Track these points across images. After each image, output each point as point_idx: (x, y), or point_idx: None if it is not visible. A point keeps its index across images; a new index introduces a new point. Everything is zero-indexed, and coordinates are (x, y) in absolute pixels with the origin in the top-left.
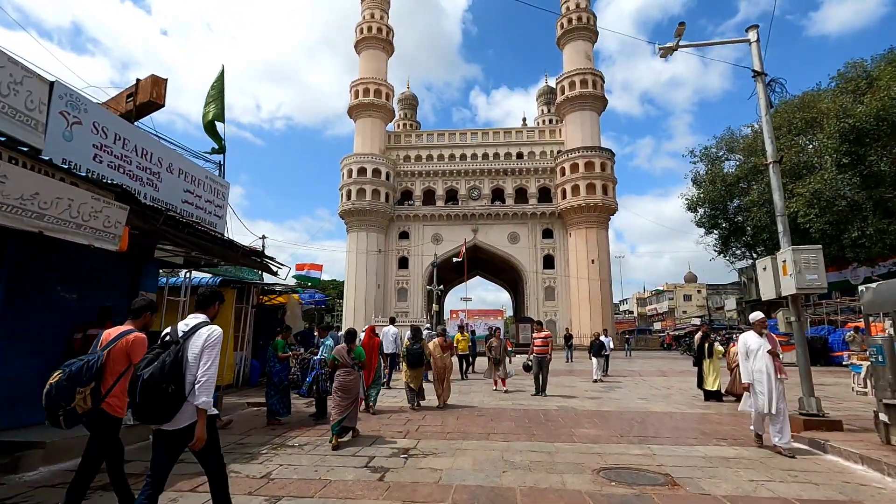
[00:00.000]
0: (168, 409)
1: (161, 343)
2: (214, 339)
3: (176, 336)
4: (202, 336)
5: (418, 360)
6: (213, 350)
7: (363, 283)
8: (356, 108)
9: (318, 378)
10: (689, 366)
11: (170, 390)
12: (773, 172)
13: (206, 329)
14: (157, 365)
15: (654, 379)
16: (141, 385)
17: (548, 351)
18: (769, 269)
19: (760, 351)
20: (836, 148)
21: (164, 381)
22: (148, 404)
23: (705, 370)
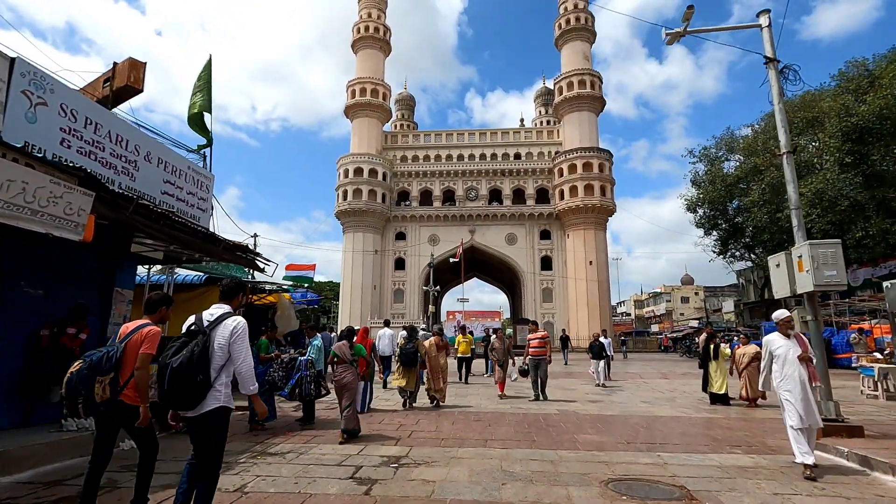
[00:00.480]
0: (196, 397)
1: (187, 332)
2: (241, 331)
3: (202, 326)
4: (228, 328)
5: (412, 359)
6: (243, 342)
7: (359, 285)
8: (353, 108)
9: (302, 380)
10: (691, 368)
11: (198, 379)
12: (786, 163)
13: (232, 321)
14: (185, 354)
15: (656, 381)
16: (170, 373)
17: (545, 352)
18: (783, 266)
19: (790, 355)
20: (839, 147)
21: (193, 369)
22: (178, 392)
23: (711, 373)
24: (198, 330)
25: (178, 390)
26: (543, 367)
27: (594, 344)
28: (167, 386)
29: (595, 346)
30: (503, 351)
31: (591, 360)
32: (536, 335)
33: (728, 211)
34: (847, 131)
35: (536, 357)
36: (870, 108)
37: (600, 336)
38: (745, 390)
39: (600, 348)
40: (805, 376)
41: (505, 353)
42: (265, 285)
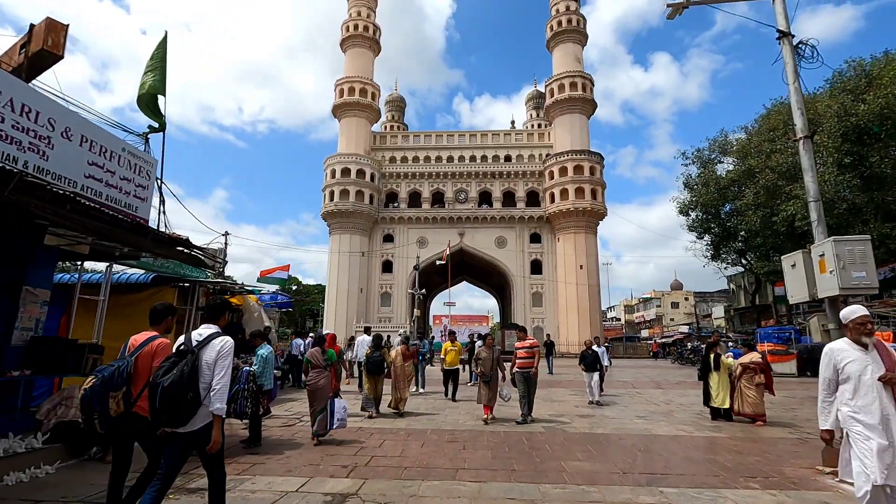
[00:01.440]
0: (186, 414)
1: (177, 352)
2: (227, 350)
3: (190, 345)
4: (215, 347)
5: (378, 367)
6: (227, 360)
7: (345, 288)
8: (341, 108)
9: (238, 394)
10: (685, 376)
11: (188, 397)
12: (803, 149)
13: (219, 340)
14: (175, 373)
15: (650, 392)
16: (161, 392)
17: (534, 363)
18: (800, 266)
19: (867, 374)
20: (838, 147)
21: (183, 388)
22: (169, 409)
23: (712, 386)
24: (187, 350)
25: (169, 408)
26: (533, 381)
27: (587, 353)
28: (158, 404)
29: (588, 357)
30: (491, 362)
31: (584, 373)
32: (525, 343)
33: (721, 214)
34: (846, 132)
35: (524, 369)
36: (869, 108)
37: (593, 344)
38: (742, 406)
39: (594, 359)
40: (892, 408)
41: (493, 366)
42: (227, 286)
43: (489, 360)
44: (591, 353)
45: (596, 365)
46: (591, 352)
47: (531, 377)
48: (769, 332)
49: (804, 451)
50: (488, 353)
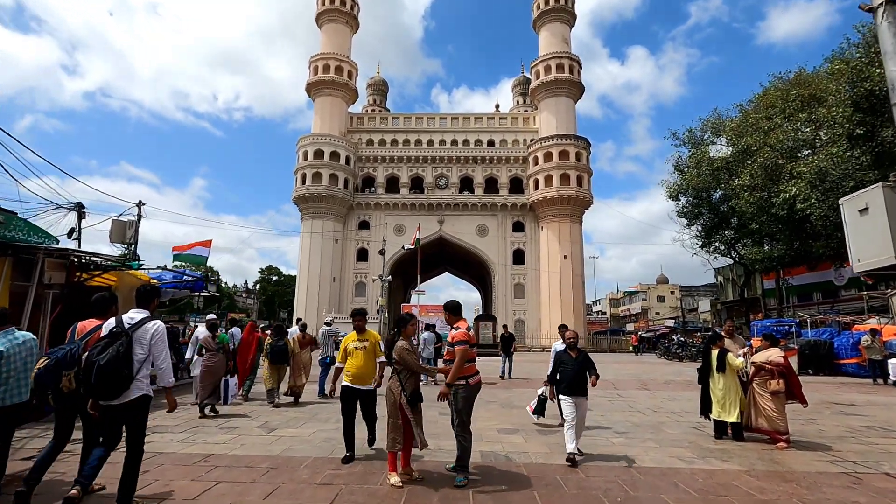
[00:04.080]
0: (121, 388)
1: (110, 334)
2: (161, 333)
3: (122, 328)
4: (149, 331)
5: (281, 356)
6: (162, 342)
7: (317, 276)
8: (315, 86)
9: None
10: (673, 373)
11: (123, 373)
12: (884, 21)
13: (152, 324)
14: (111, 352)
15: (635, 394)
16: (98, 369)
17: (470, 369)
18: (878, 209)
19: None
20: (849, 117)
21: (119, 365)
22: (104, 384)
23: (715, 392)
24: (120, 332)
25: (105, 383)
26: (459, 399)
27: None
28: (94, 380)
29: (568, 366)
30: (413, 370)
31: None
32: (453, 333)
33: (712, 199)
34: (857, 100)
35: (458, 388)
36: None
37: (565, 338)
38: (756, 419)
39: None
40: None
41: (417, 376)
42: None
43: (413, 361)
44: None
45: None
46: (567, 355)
47: (457, 394)
48: (766, 326)
49: (866, 500)
50: (406, 347)
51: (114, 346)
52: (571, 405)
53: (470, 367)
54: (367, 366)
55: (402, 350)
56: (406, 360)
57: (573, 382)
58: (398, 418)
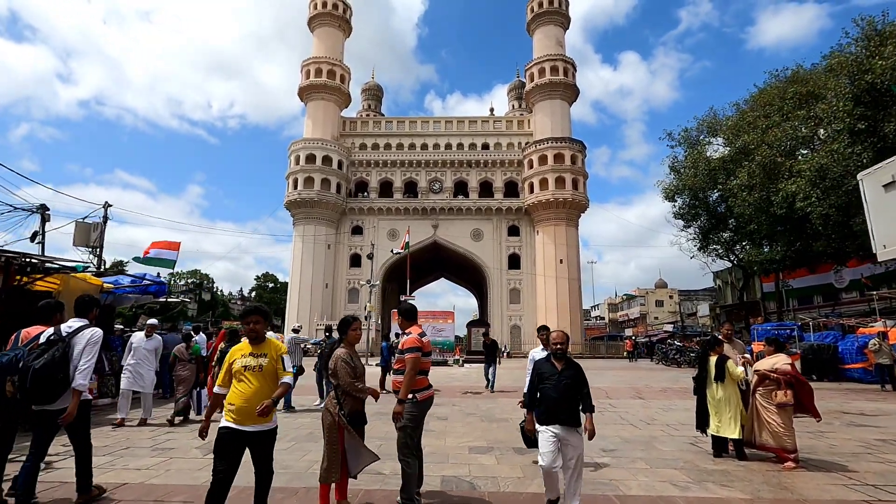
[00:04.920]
0: (55, 393)
1: (47, 342)
2: (96, 339)
3: (60, 335)
4: (85, 336)
5: None
6: (94, 347)
7: (308, 282)
8: (307, 90)
9: None
10: (670, 380)
11: (59, 377)
12: None
13: (89, 331)
14: (47, 357)
15: (628, 404)
16: (33, 373)
17: (420, 382)
18: None
19: None
20: (850, 111)
21: (54, 370)
22: (39, 389)
23: (714, 404)
24: (57, 339)
25: (40, 387)
26: (411, 415)
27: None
28: (29, 384)
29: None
30: (348, 387)
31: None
32: (408, 338)
33: (709, 201)
34: (858, 94)
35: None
36: (887, 63)
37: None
38: (759, 435)
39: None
40: None
41: (353, 397)
42: (46, 262)
43: (348, 377)
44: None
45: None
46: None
47: (402, 413)
48: (767, 330)
49: None
50: (347, 364)
51: (49, 351)
52: (552, 443)
53: (421, 379)
54: (260, 394)
55: (337, 361)
56: (338, 373)
57: (556, 406)
58: (336, 443)
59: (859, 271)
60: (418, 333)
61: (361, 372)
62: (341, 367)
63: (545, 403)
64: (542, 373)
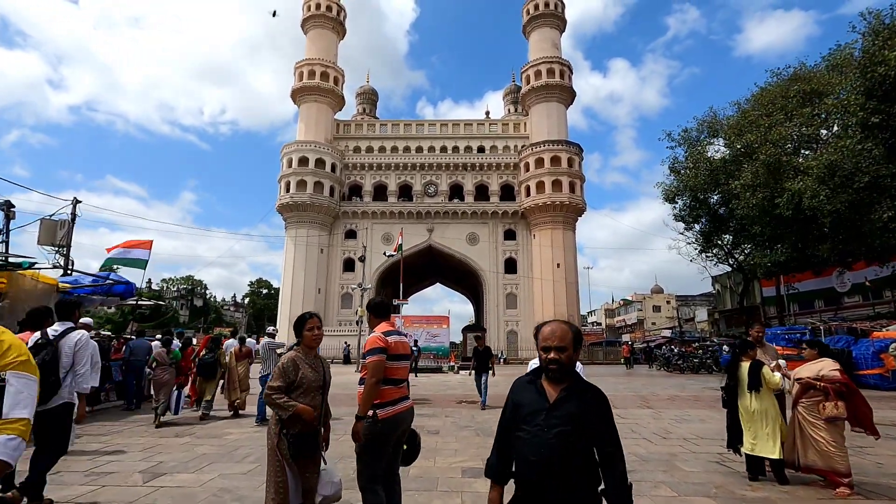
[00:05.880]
0: (48, 395)
1: (35, 345)
2: (84, 342)
3: (48, 339)
4: (73, 339)
5: (207, 370)
6: (85, 350)
7: (301, 287)
8: (300, 92)
9: None
10: (676, 386)
11: (51, 380)
12: None
13: (76, 333)
14: (38, 361)
15: (636, 414)
16: None
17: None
18: None
19: None
20: (862, 105)
21: (45, 373)
22: None
23: (748, 418)
24: (45, 343)
25: None
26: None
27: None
28: None
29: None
30: (267, 399)
31: None
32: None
33: (710, 203)
34: (871, 87)
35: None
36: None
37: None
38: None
39: None
40: None
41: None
42: None
43: (274, 379)
44: None
45: None
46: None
47: (358, 431)
48: (777, 334)
49: None
50: (282, 372)
51: (38, 355)
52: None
53: (388, 390)
54: None
55: (280, 367)
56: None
57: (539, 485)
58: (278, 474)
59: (862, 274)
60: (383, 331)
61: (312, 382)
62: (275, 373)
63: (520, 475)
64: (518, 404)
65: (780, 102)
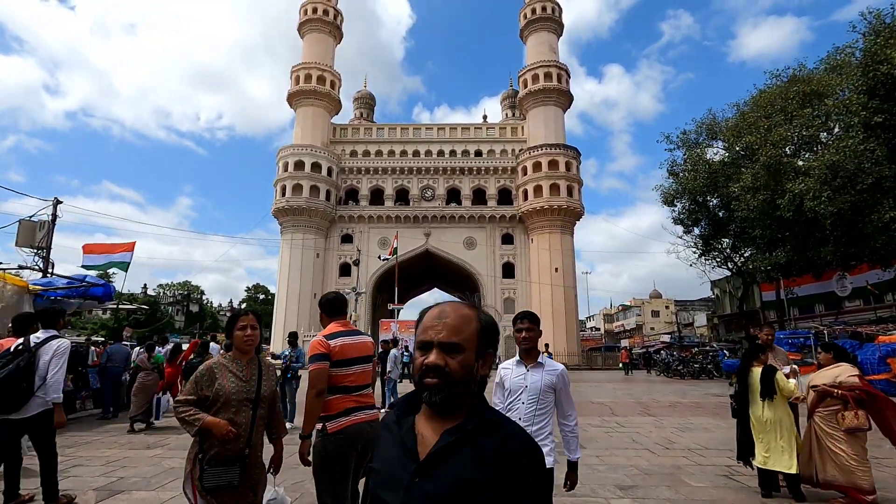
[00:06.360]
0: (19, 402)
1: (14, 351)
2: (63, 349)
3: (28, 346)
4: (52, 346)
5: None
6: (62, 358)
7: (296, 292)
8: (296, 96)
9: None
10: (677, 392)
11: (22, 386)
12: None
13: (57, 341)
14: (11, 367)
15: (637, 422)
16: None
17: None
18: None
19: None
20: (865, 104)
21: (18, 379)
22: (2, 398)
23: (759, 427)
24: (24, 349)
25: (3, 396)
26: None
27: None
28: None
29: None
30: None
31: None
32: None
33: (709, 206)
34: (873, 85)
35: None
36: None
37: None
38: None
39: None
40: None
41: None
42: None
43: (187, 390)
44: None
45: None
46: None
47: (313, 450)
48: (779, 338)
49: None
50: (198, 381)
51: (14, 361)
52: None
53: (336, 400)
54: None
55: (193, 376)
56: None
57: None
58: None
59: (863, 278)
60: (328, 333)
61: (233, 395)
62: (189, 383)
63: None
64: (373, 470)
65: (779, 104)
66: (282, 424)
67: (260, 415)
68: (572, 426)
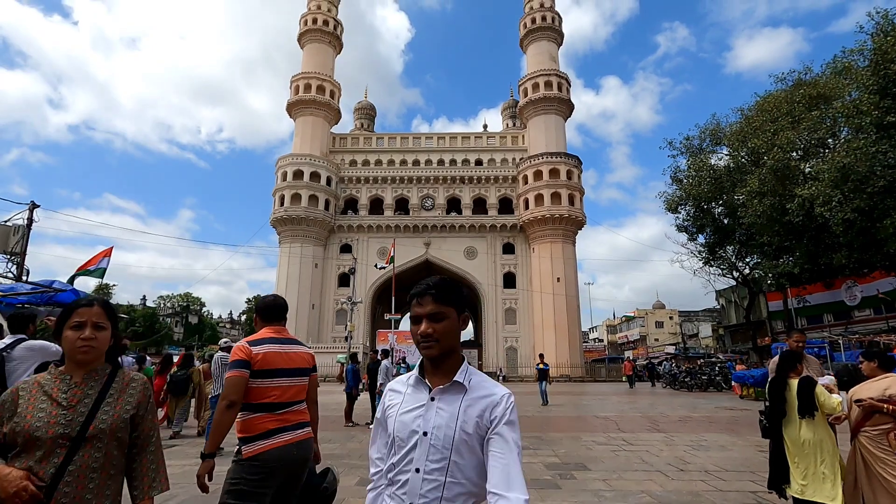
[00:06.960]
0: None
1: None
2: (38, 346)
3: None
4: (23, 347)
5: (177, 387)
6: (21, 364)
7: (294, 303)
8: (296, 105)
9: None
10: (687, 406)
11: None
12: None
13: (28, 343)
14: None
15: (646, 439)
16: None
17: (254, 423)
18: None
19: None
20: (876, 104)
21: None
22: None
23: (796, 450)
24: None
25: None
26: (236, 488)
27: None
28: None
29: None
30: None
31: None
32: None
33: (714, 212)
34: (884, 85)
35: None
36: None
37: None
38: (871, 498)
39: None
40: None
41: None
42: None
43: None
44: None
45: None
46: None
47: (227, 478)
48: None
49: None
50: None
51: None
52: None
53: (256, 420)
54: None
55: None
56: None
57: None
58: None
59: (874, 287)
60: (253, 339)
61: (39, 431)
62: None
63: None
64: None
65: (785, 107)
66: (159, 474)
67: (85, 462)
68: None
